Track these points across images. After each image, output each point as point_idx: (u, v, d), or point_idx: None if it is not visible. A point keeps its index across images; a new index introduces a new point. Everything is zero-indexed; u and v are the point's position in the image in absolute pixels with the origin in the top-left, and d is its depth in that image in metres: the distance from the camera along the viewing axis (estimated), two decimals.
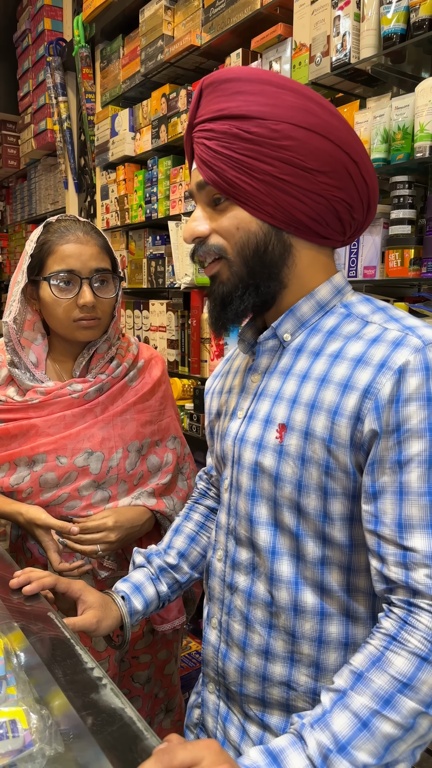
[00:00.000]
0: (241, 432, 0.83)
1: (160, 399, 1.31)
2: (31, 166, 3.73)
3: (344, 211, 0.76)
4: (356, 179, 0.75)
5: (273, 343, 0.82)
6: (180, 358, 2.16)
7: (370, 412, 0.69)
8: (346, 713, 0.62)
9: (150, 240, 2.31)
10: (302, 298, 0.79)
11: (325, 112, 0.73)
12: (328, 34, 1.42)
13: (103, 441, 1.20)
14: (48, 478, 1.17)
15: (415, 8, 1.22)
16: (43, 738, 0.59)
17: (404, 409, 0.67)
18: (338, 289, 0.81)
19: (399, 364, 0.68)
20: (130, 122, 2.33)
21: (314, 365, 0.76)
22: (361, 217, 0.79)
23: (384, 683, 0.62)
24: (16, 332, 1.21)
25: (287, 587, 0.77)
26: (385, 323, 0.74)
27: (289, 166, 0.72)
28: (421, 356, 0.68)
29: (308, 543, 0.76)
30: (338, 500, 0.73)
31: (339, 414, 0.71)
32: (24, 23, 3.36)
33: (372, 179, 0.77)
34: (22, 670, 0.70)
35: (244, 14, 1.68)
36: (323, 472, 0.73)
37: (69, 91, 2.93)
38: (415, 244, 1.31)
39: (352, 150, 0.74)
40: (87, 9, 2.44)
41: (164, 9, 2.04)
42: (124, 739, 0.60)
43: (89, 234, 1.17)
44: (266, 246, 0.76)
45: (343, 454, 0.71)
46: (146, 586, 0.98)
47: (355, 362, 0.72)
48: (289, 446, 0.76)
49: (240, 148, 0.72)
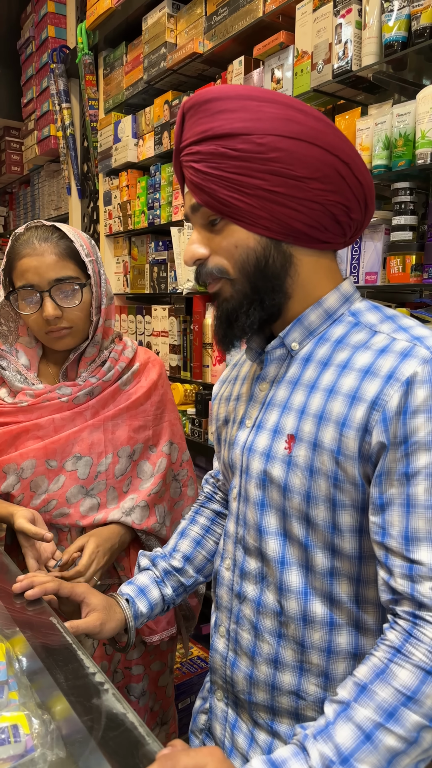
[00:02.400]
0: (249, 441, 0.82)
1: (156, 403, 1.29)
2: (34, 172, 3.74)
3: (341, 213, 0.76)
4: (349, 180, 0.75)
5: (281, 352, 0.81)
6: (182, 363, 2.16)
7: (378, 424, 0.68)
8: (349, 725, 0.62)
9: (152, 246, 2.32)
10: (309, 307, 0.79)
11: (309, 119, 0.73)
12: (329, 41, 1.42)
13: (92, 445, 1.19)
14: (39, 482, 1.16)
15: (416, 16, 1.23)
16: (45, 743, 0.59)
17: (412, 421, 0.67)
18: (346, 296, 0.80)
19: (407, 376, 0.68)
20: (132, 129, 2.34)
21: (322, 375, 0.75)
22: (359, 216, 0.78)
23: (388, 696, 0.62)
24: (4, 342, 1.21)
25: (296, 597, 0.76)
26: (394, 333, 0.73)
27: (280, 177, 0.72)
28: (429, 368, 0.68)
29: (317, 554, 0.75)
30: (347, 512, 0.73)
31: (347, 426, 0.71)
32: (28, 30, 3.38)
33: (365, 177, 0.77)
34: (23, 675, 0.70)
35: (246, 22, 1.69)
36: (332, 484, 0.72)
37: (72, 97, 2.95)
38: (416, 250, 1.31)
39: (341, 152, 0.74)
40: (90, 17, 2.45)
41: (167, 17, 2.05)
42: (126, 744, 0.60)
43: (48, 241, 1.12)
44: (266, 259, 0.76)
45: (351, 467, 0.71)
46: (151, 589, 0.98)
47: (363, 373, 0.71)
48: (297, 457, 0.75)
49: (228, 166, 0.72)
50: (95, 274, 1.18)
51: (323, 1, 1.44)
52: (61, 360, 1.24)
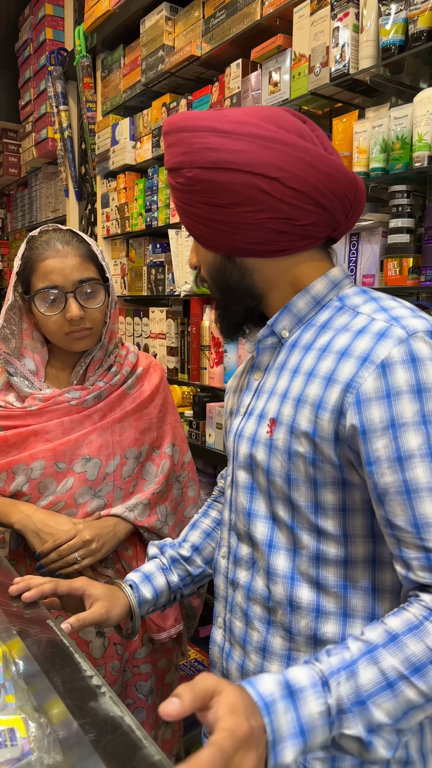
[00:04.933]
0: (240, 428, 0.85)
1: (159, 406, 1.31)
2: (32, 174, 3.74)
3: (282, 225, 0.75)
4: (280, 194, 0.73)
5: (272, 341, 0.83)
6: (180, 366, 2.16)
7: (351, 407, 0.68)
8: (373, 669, 0.61)
9: (150, 248, 2.32)
10: (297, 294, 0.80)
11: (231, 140, 0.73)
12: (327, 45, 1.43)
13: (100, 448, 1.21)
14: (47, 484, 1.18)
15: (414, 20, 1.23)
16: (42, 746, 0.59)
17: (396, 404, 0.66)
18: (334, 282, 0.80)
19: (381, 358, 0.67)
20: (130, 131, 2.34)
21: (304, 359, 0.76)
22: (316, 219, 0.76)
23: (418, 651, 0.61)
24: (6, 345, 1.21)
25: (283, 582, 0.77)
26: (374, 313, 0.73)
27: (210, 206, 0.76)
28: (405, 347, 0.67)
29: (303, 536, 0.75)
30: (329, 490, 0.73)
31: (322, 408, 0.71)
32: (26, 33, 3.38)
33: (306, 182, 0.73)
34: (20, 678, 0.69)
35: (244, 25, 1.69)
36: (310, 464, 0.73)
37: (70, 100, 2.95)
38: (413, 252, 1.32)
39: (266, 168, 0.72)
40: (88, 19, 2.46)
41: (165, 19, 2.05)
42: (123, 747, 0.60)
43: (70, 244, 1.15)
44: (224, 273, 0.82)
45: (327, 448, 0.71)
46: (156, 575, 0.98)
47: (340, 355, 0.71)
48: (277, 440, 0.76)
49: (177, 197, 0.80)
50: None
51: (321, 5, 1.44)
52: (70, 364, 1.26)
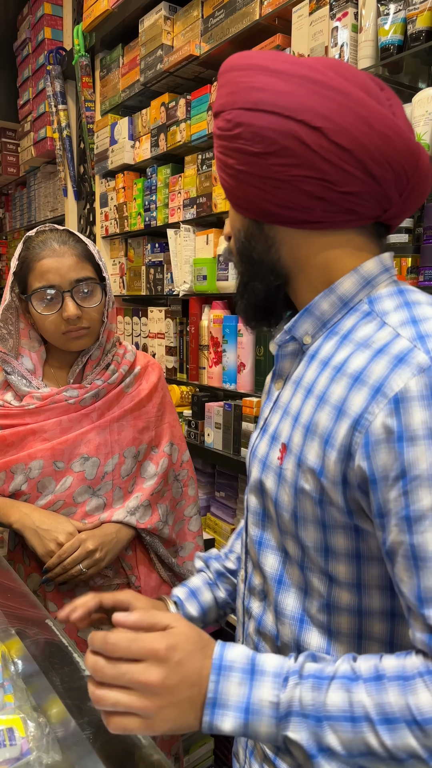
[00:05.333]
0: (254, 445, 0.77)
1: (157, 405, 1.32)
2: (30, 173, 3.74)
3: (319, 189, 0.64)
4: (321, 149, 0.62)
5: (293, 347, 0.72)
6: (178, 365, 2.16)
7: (360, 449, 0.58)
8: (344, 696, 0.56)
9: (149, 248, 2.32)
10: (320, 294, 0.68)
11: (278, 80, 0.64)
12: (326, 44, 1.43)
13: (99, 446, 1.20)
14: (45, 483, 1.18)
15: (413, 20, 1.23)
16: (41, 746, 0.59)
17: (409, 450, 0.55)
18: (367, 279, 0.67)
19: (395, 391, 0.56)
20: (129, 131, 2.34)
21: (319, 378, 0.65)
22: (363, 188, 0.64)
23: (396, 704, 0.54)
24: (3, 344, 1.21)
25: (291, 623, 0.68)
26: (400, 327, 0.61)
27: (242, 155, 0.65)
28: (425, 380, 0.55)
29: (313, 579, 0.66)
30: (340, 534, 0.63)
31: (330, 444, 0.61)
32: (24, 32, 3.38)
33: (355, 140, 0.62)
34: (19, 678, 0.69)
35: (243, 25, 1.69)
36: (317, 505, 0.64)
37: (69, 99, 2.95)
38: (412, 252, 1.32)
39: (310, 115, 0.62)
40: (87, 18, 2.45)
41: (164, 19, 2.05)
42: (122, 747, 0.60)
43: (66, 244, 1.15)
44: (250, 242, 0.71)
45: (334, 492, 0.61)
46: (203, 591, 0.90)
47: (353, 380, 0.61)
48: (286, 470, 0.68)
49: (218, 146, 0.69)
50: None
51: (319, 5, 1.44)
52: (67, 363, 1.26)
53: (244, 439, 1.72)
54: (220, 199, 1.82)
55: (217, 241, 1.86)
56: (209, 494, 2.07)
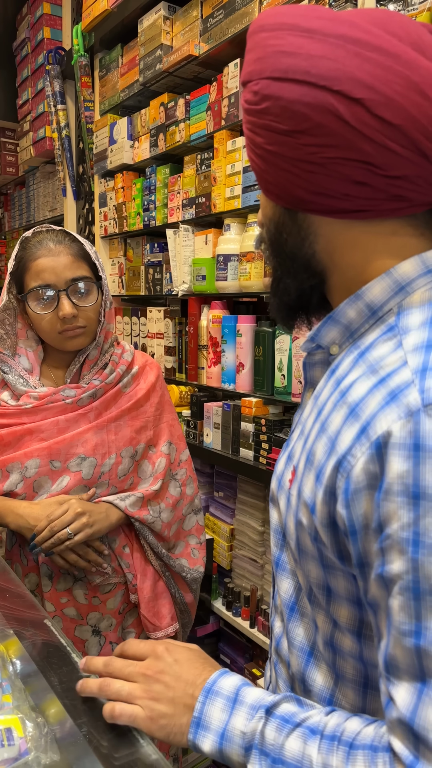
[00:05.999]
0: (278, 462, 0.71)
1: (155, 405, 1.31)
2: (29, 173, 3.74)
3: (361, 173, 0.54)
4: (361, 126, 0.52)
5: (321, 356, 0.64)
6: (177, 365, 2.16)
7: (340, 495, 0.52)
8: (299, 745, 0.54)
9: (148, 247, 2.32)
10: (346, 300, 0.60)
11: (312, 42, 0.53)
12: None
13: (96, 446, 1.20)
14: (42, 482, 1.17)
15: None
16: (39, 746, 0.59)
17: (384, 504, 0.49)
18: (400, 284, 0.57)
19: (378, 434, 0.49)
20: (128, 130, 2.34)
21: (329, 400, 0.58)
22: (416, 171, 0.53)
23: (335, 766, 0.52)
24: (1, 344, 1.22)
25: (299, 654, 0.64)
26: (411, 352, 0.52)
27: (271, 132, 0.56)
28: (411, 427, 0.47)
29: (319, 615, 0.61)
30: (340, 576, 0.57)
31: (320, 481, 0.55)
32: (23, 32, 3.37)
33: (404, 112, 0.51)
34: (17, 678, 0.69)
35: (242, 25, 1.69)
36: (314, 542, 0.58)
37: (68, 99, 2.95)
38: None
39: (349, 84, 0.51)
40: (86, 18, 2.45)
41: (163, 19, 2.05)
42: (121, 747, 0.60)
43: (62, 243, 1.16)
44: (281, 232, 0.62)
45: (324, 534, 0.56)
46: None
47: (350, 411, 0.54)
48: (292, 496, 0.62)
49: (246, 122, 0.59)
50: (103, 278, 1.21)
51: (318, 5, 1.44)
52: (65, 363, 1.26)
53: (243, 439, 1.72)
54: (219, 199, 1.82)
55: (216, 241, 1.86)
56: (208, 494, 2.07)
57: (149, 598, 1.27)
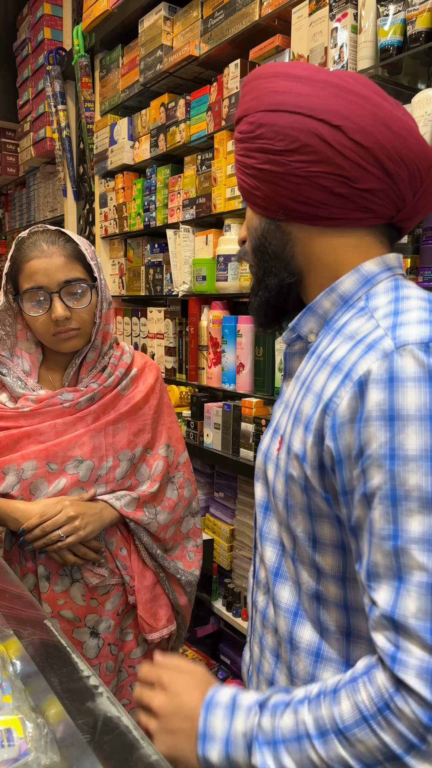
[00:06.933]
0: (262, 440, 0.82)
1: (154, 407, 1.30)
2: (30, 173, 3.74)
3: (337, 185, 0.66)
4: (340, 146, 0.65)
5: (300, 345, 0.76)
6: (178, 366, 2.16)
7: (328, 431, 0.61)
8: (292, 717, 0.60)
9: (148, 248, 2.32)
10: (322, 293, 0.71)
11: (299, 84, 0.68)
12: (325, 45, 1.43)
13: (93, 449, 1.20)
14: (38, 485, 1.17)
15: (412, 21, 1.23)
16: (39, 747, 0.59)
17: (364, 431, 0.58)
18: (366, 278, 0.69)
19: (360, 374, 0.59)
20: (128, 131, 2.34)
21: (312, 370, 0.69)
22: (379, 185, 0.67)
23: (326, 717, 0.58)
24: (1, 346, 1.21)
25: (285, 615, 0.71)
26: (382, 318, 0.63)
27: (264, 153, 0.69)
28: (386, 364, 0.58)
29: (303, 571, 0.69)
30: (325, 523, 0.66)
31: (309, 429, 0.64)
32: (24, 32, 3.38)
33: (372, 138, 0.65)
34: (17, 678, 0.69)
35: (242, 25, 1.69)
36: (303, 492, 0.66)
37: (68, 99, 2.95)
38: (411, 253, 1.32)
39: (330, 114, 0.65)
40: (87, 19, 2.45)
41: (163, 19, 2.05)
42: (120, 747, 0.60)
43: (55, 244, 1.14)
44: (265, 239, 0.74)
45: (314, 478, 0.64)
46: None
47: (333, 368, 0.64)
48: (280, 460, 0.71)
49: (238, 149, 0.73)
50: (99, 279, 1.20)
51: (319, 5, 1.44)
52: (63, 365, 1.25)
53: (243, 440, 1.72)
54: (219, 199, 1.82)
55: (216, 241, 1.86)
56: (208, 495, 2.07)
57: (147, 600, 1.27)
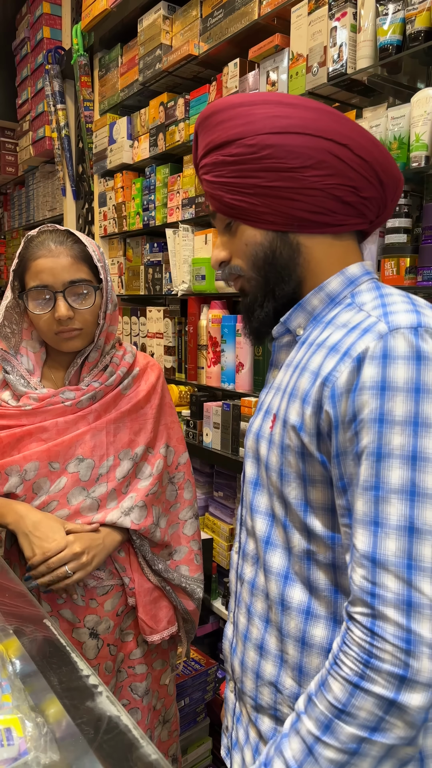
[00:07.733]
0: (251, 424, 0.87)
1: (155, 407, 1.31)
2: (29, 173, 3.73)
3: (347, 194, 0.77)
4: (349, 161, 0.76)
5: (288, 339, 0.84)
6: (177, 365, 2.16)
7: (327, 400, 0.69)
8: (297, 738, 0.65)
9: (147, 247, 2.32)
10: (311, 291, 0.80)
11: (299, 110, 0.76)
12: (324, 44, 1.43)
13: (94, 448, 1.20)
14: (41, 484, 1.17)
15: (411, 20, 1.23)
16: (39, 746, 0.59)
17: (359, 398, 0.67)
18: (351, 280, 0.80)
19: (359, 352, 0.67)
20: (128, 130, 2.34)
21: (305, 355, 0.76)
22: (374, 193, 0.78)
23: (324, 709, 0.64)
24: (6, 343, 1.21)
25: (276, 579, 0.78)
26: (373, 309, 0.72)
27: (274, 172, 0.76)
28: (382, 344, 0.66)
29: (294, 535, 0.76)
30: (317, 488, 0.73)
31: (306, 402, 0.72)
32: (23, 31, 3.37)
33: (370, 154, 0.77)
34: (17, 678, 0.69)
35: (241, 24, 1.69)
36: (299, 459, 0.74)
37: (67, 98, 2.94)
38: (410, 252, 1.32)
39: (336, 135, 0.75)
40: (86, 18, 2.45)
41: (162, 19, 2.05)
42: (120, 747, 0.60)
43: (63, 244, 1.15)
44: (273, 252, 0.80)
45: (311, 444, 0.72)
46: None
47: (329, 350, 0.72)
48: (275, 435, 0.78)
49: (228, 172, 0.78)
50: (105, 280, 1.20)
51: (318, 5, 1.44)
52: (65, 364, 1.26)
53: (243, 439, 1.72)
54: None
55: (215, 240, 1.86)
56: (208, 494, 2.07)
57: (147, 602, 1.27)
